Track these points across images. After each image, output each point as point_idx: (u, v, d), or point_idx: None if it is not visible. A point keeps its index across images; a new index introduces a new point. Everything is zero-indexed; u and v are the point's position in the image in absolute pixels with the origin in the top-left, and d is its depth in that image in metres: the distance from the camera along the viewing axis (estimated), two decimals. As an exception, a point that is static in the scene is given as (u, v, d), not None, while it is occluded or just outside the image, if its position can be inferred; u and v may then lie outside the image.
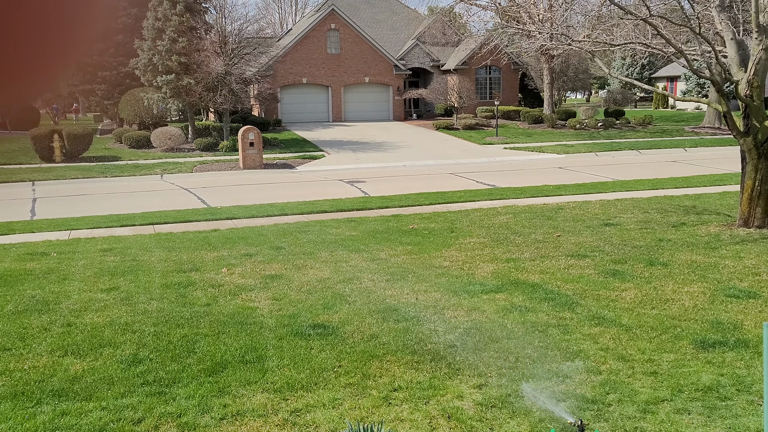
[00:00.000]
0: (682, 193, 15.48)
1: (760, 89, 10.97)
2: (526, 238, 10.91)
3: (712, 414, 4.73)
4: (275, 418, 4.80)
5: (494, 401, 5.01)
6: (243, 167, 22.61)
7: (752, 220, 11.19)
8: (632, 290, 7.85)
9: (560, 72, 38.35)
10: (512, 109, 37.52)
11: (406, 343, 6.25)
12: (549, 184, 17.31)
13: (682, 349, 5.99)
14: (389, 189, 17.36)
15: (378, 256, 9.83)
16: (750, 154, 11.12)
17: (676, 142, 28.79)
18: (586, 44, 13.02)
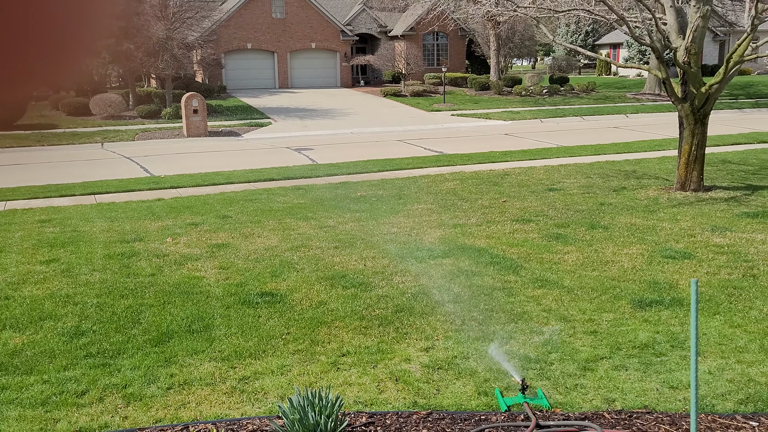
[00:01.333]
0: (623, 158, 15.87)
1: (697, 56, 11.26)
2: (473, 204, 11.04)
3: (648, 369, 4.94)
4: (223, 387, 4.79)
5: (441, 363, 5.11)
6: (187, 135, 22.11)
7: (689, 183, 11.58)
8: (574, 253, 8.06)
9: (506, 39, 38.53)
10: (459, 75, 37.59)
11: (355, 309, 6.29)
12: (495, 151, 17.49)
13: (621, 308, 6.21)
14: (337, 156, 17.27)
15: (326, 224, 9.81)
16: (687, 119, 11.45)
17: (618, 108, 29.40)
18: (531, 10, 13.09)
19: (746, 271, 7.25)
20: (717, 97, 11.53)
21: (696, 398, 3.23)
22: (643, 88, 35.48)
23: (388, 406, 4.49)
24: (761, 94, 33.56)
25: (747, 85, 36.60)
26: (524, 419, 4.23)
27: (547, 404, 4.40)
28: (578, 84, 35.41)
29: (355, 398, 4.59)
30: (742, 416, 4.26)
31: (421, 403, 4.51)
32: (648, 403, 4.46)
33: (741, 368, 4.95)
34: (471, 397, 4.58)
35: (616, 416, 4.27)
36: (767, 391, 4.58)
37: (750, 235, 8.75)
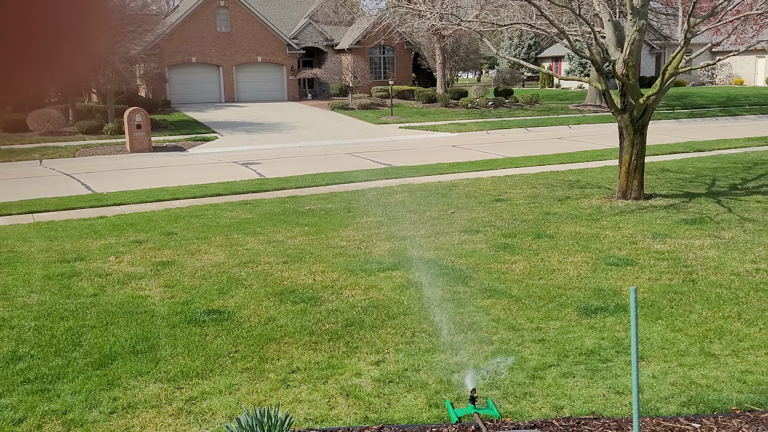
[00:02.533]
0: (567, 168, 16.22)
1: (635, 68, 11.63)
2: (422, 216, 11.10)
3: (595, 375, 5.02)
4: (169, 408, 4.66)
5: (392, 376, 5.09)
6: (130, 150, 21.63)
7: (630, 192, 11.90)
8: (521, 262, 8.17)
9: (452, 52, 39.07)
10: (406, 88, 37.90)
11: (304, 324, 6.22)
12: (443, 162, 17.66)
13: (567, 316, 6.31)
14: (285, 170, 17.15)
15: (275, 238, 9.71)
16: (627, 129, 11.79)
17: (561, 119, 30.08)
18: (474, 24, 13.31)
19: (686, 276, 7.47)
20: (655, 108, 11.91)
21: (638, 404, 3.29)
22: (584, 99, 36.41)
23: (339, 422, 4.44)
24: (696, 105, 34.85)
25: (683, 96, 37.96)
26: (475, 430, 4.24)
27: (497, 414, 4.42)
28: (522, 96, 36.11)
29: (306, 415, 4.53)
30: (685, 418, 4.37)
31: (372, 418, 4.48)
32: (595, 409, 4.53)
33: (683, 371, 5.08)
34: (422, 410, 4.57)
35: (565, 423, 4.32)
36: (708, 393, 4.71)
37: (689, 241, 9.03)
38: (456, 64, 44.64)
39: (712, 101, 36.29)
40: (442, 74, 36.38)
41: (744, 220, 10.20)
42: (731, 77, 51.37)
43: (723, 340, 5.68)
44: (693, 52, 12.30)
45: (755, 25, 18.17)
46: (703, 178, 14.35)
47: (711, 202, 11.66)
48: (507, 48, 55.69)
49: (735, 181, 13.77)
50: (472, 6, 19.65)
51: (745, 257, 8.16)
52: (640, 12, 11.48)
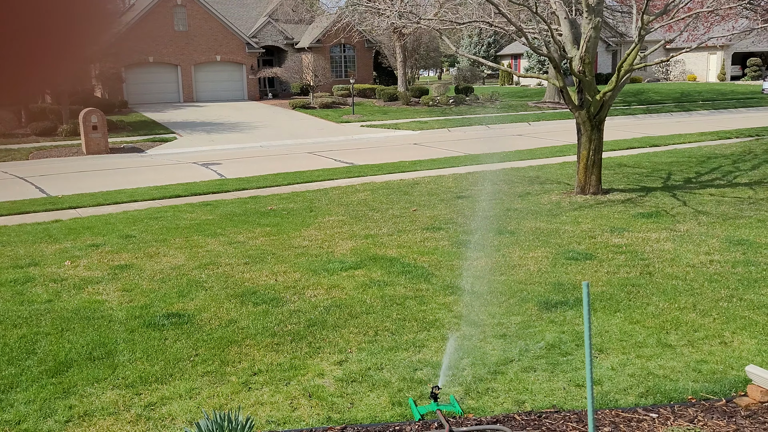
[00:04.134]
0: (527, 165, 16.41)
1: (591, 65, 11.81)
2: (384, 214, 11.10)
3: (555, 369, 5.08)
4: (127, 415, 4.57)
5: (355, 376, 5.07)
6: (87, 152, 21.16)
7: (588, 187, 12.09)
8: (483, 259, 8.23)
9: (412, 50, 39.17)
10: (368, 87, 37.86)
11: (266, 325, 6.17)
12: (405, 160, 17.69)
13: (528, 311, 6.38)
14: (246, 170, 16.98)
15: (236, 239, 9.60)
16: (584, 126, 11.97)
17: (521, 116, 30.41)
18: (433, 22, 13.35)
19: (643, 269, 7.62)
20: (611, 104, 12.12)
21: (592, 397, 3.34)
22: (543, 96, 36.87)
23: (301, 424, 4.41)
24: (652, 101, 35.58)
25: (639, 93, 38.72)
26: (438, 427, 4.25)
27: (460, 410, 4.44)
28: (483, 94, 36.40)
29: (268, 418, 4.48)
30: (643, 409, 4.45)
31: (335, 418, 4.46)
32: (556, 402, 4.58)
33: (641, 362, 5.17)
34: (385, 409, 4.57)
35: (526, 417, 4.36)
36: (665, 384, 4.80)
37: (645, 234, 9.21)
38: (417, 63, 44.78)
39: (667, 97, 37.10)
40: (403, 72, 36.44)
41: (698, 213, 10.44)
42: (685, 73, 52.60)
43: (679, 331, 5.80)
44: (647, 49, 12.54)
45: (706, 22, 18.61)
46: (659, 172, 14.66)
47: (667, 195, 11.91)
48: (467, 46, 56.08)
49: (689, 175, 14.09)
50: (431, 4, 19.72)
51: (700, 249, 8.35)
52: (596, 10, 11.66)
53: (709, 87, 43.15)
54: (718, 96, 37.44)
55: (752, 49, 45.92)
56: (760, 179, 13.30)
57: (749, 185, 12.70)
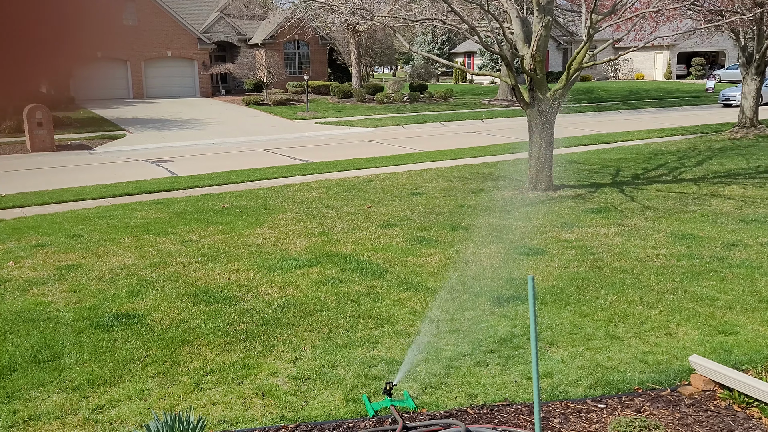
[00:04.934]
0: (481, 162, 16.58)
1: (542, 63, 11.99)
2: (339, 211, 11.07)
3: (507, 363, 5.15)
4: (74, 419, 4.45)
5: (309, 374, 5.05)
6: (31, 150, 20.54)
7: (540, 183, 12.28)
8: (437, 255, 8.29)
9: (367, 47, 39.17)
10: (322, 84, 37.71)
11: (219, 324, 6.09)
12: (360, 158, 17.68)
13: (481, 306, 6.45)
14: (199, 168, 16.72)
15: (188, 238, 9.45)
16: (535, 123, 12.15)
17: (474, 114, 30.72)
18: (387, 19, 13.37)
19: (592, 263, 7.78)
20: (561, 102, 12.33)
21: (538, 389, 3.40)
22: (496, 94, 37.30)
23: (254, 423, 4.37)
24: (601, 99, 36.35)
25: (589, 91, 39.52)
26: (392, 422, 4.26)
27: (414, 405, 4.47)
28: (437, 91, 36.63)
29: (220, 418, 4.43)
30: (592, 400, 4.55)
31: (289, 417, 4.43)
32: (508, 395, 4.65)
33: (590, 355, 5.29)
34: (339, 406, 4.56)
35: (479, 411, 4.41)
36: (613, 375, 4.92)
37: (595, 229, 9.41)
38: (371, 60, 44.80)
39: (616, 95, 37.96)
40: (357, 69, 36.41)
41: (645, 208, 10.71)
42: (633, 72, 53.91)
43: (626, 323, 5.94)
44: (597, 48, 12.80)
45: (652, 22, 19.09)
46: (608, 168, 14.99)
47: (615, 191, 12.19)
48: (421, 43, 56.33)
49: (637, 171, 14.45)
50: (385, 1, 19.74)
51: (647, 243, 8.58)
52: (546, 9, 11.84)
53: (656, 85, 44.32)
54: (664, 94, 38.48)
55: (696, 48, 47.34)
56: (703, 175, 13.72)
57: (693, 181, 13.09)
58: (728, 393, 4.51)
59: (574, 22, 34.11)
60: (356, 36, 34.58)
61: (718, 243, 8.51)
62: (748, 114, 20.67)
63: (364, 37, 36.34)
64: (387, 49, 46.78)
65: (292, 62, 41.41)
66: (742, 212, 10.22)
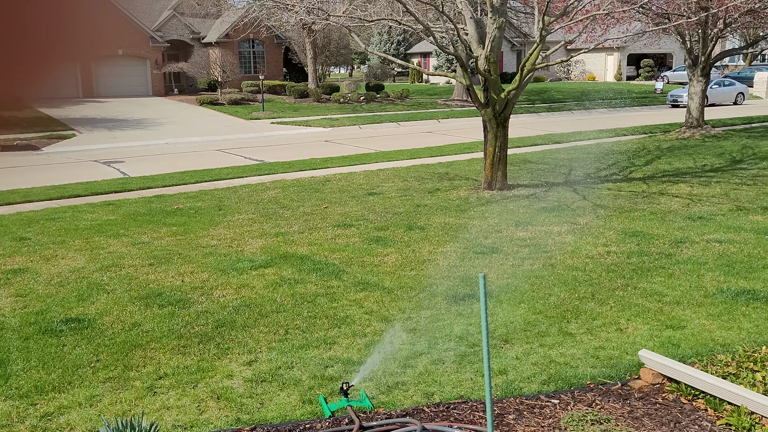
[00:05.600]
0: (437, 161, 16.69)
1: (496, 64, 12.13)
2: (295, 212, 11.01)
3: (463, 361, 5.20)
4: (21, 426, 4.32)
5: (264, 376, 5.01)
6: (-24, 150, 19.85)
7: (494, 183, 12.43)
8: (394, 254, 8.31)
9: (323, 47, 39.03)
10: (278, 83, 37.43)
11: (172, 328, 5.99)
12: (316, 158, 17.61)
13: (438, 304, 6.49)
14: (151, 168, 16.42)
15: (140, 240, 9.27)
16: (490, 123, 12.29)
17: (430, 114, 30.90)
18: (342, 19, 13.34)
19: (546, 261, 7.91)
20: (515, 102, 12.50)
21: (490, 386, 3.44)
22: (452, 94, 37.59)
23: (209, 426, 4.31)
24: (554, 99, 36.98)
25: (542, 91, 40.16)
26: (348, 423, 4.26)
27: (370, 405, 4.47)
28: (393, 91, 36.73)
29: (174, 422, 4.36)
30: (545, 395, 4.63)
31: (244, 419, 4.39)
32: (464, 393, 4.69)
33: (543, 351, 5.37)
34: (296, 407, 4.54)
35: (435, 409, 4.45)
36: (566, 370, 5.01)
37: (548, 227, 9.56)
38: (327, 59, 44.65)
39: (568, 96, 38.66)
40: (313, 69, 36.25)
41: (597, 206, 10.94)
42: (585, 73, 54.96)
43: (579, 319, 6.06)
44: (549, 49, 13.02)
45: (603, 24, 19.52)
46: (561, 168, 15.26)
47: (568, 190, 12.42)
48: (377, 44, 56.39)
49: (589, 171, 14.75)
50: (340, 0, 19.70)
51: (598, 241, 8.76)
52: (500, 10, 11.99)
53: (607, 86, 45.30)
54: (615, 95, 39.35)
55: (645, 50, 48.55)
56: (652, 174, 14.08)
57: (643, 180, 13.43)
58: (676, 386, 4.64)
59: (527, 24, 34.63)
60: (312, 35, 34.42)
61: (667, 240, 8.75)
62: (695, 114, 21.29)
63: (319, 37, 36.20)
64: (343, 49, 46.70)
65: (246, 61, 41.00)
66: (689, 210, 10.53)
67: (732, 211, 10.39)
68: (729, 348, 5.31)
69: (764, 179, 13.09)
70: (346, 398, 4.46)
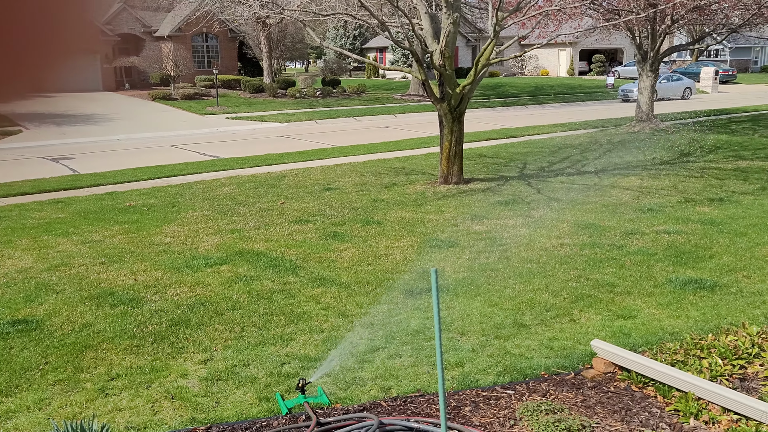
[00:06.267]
0: (394, 156, 16.72)
1: (451, 59, 12.20)
2: (251, 208, 10.90)
3: (420, 354, 5.23)
4: (-34, 433, 4.19)
5: (220, 374, 4.95)
6: None
7: (451, 177, 12.51)
8: (351, 250, 8.30)
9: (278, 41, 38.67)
10: (233, 78, 36.97)
11: (125, 327, 5.87)
12: (272, 153, 17.46)
13: (395, 299, 6.51)
14: (102, 165, 16.04)
15: (91, 238, 9.06)
16: (446, 118, 12.36)
17: (387, 108, 30.93)
18: (297, 13, 13.24)
19: (501, 254, 8.01)
20: (470, 97, 12.60)
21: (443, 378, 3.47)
22: (409, 89, 37.70)
23: (164, 427, 4.24)
24: (509, 94, 37.41)
25: (497, 86, 40.58)
26: (305, 419, 4.24)
27: (327, 401, 4.46)
28: (350, 86, 36.65)
29: (127, 424, 4.27)
30: (501, 387, 4.68)
31: (199, 419, 4.33)
32: (421, 386, 4.72)
33: (499, 343, 5.44)
34: (252, 405, 4.50)
35: (392, 403, 4.46)
36: (521, 361, 5.08)
37: (503, 221, 9.68)
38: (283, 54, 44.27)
39: (523, 90, 39.16)
40: (268, 63, 35.90)
41: (550, 199, 11.12)
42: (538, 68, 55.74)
43: (533, 311, 6.15)
44: (503, 45, 13.15)
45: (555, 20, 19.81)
46: (516, 162, 15.45)
47: (522, 184, 12.59)
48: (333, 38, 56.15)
49: (543, 164, 14.97)
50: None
51: (552, 234, 8.90)
52: (454, 5, 12.05)
53: (560, 81, 46.03)
54: (568, 90, 40.02)
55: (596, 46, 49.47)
56: (604, 167, 14.37)
57: (595, 173, 13.69)
58: (627, 374, 4.75)
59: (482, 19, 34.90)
60: (266, 30, 34.07)
61: (618, 232, 8.94)
62: (645, 109, 21.80)
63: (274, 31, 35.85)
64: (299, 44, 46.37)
65: (200, 56, 40.36)
66: (639, 202, 10.78)
67: (680, 202, 10.68)
68: (677, 336, 5.46)
69: (711, 171, 13.50)
70: (303, 395, 4.44)
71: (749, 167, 13.91)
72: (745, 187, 11.86)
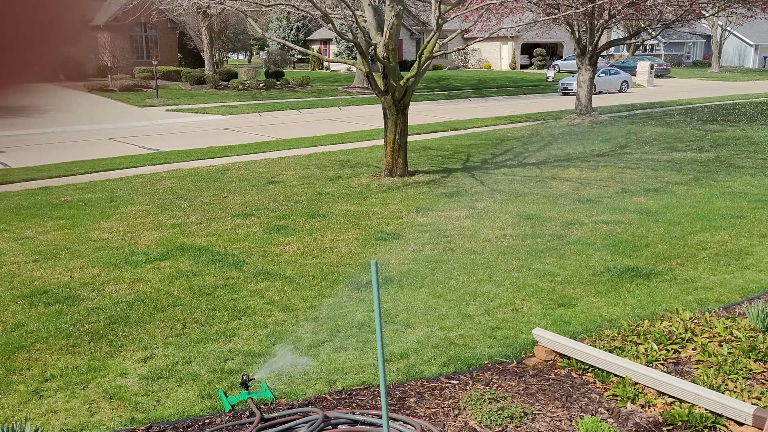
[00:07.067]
0: (338, 149, 16.65)
1: (395, 52, 12.20)
2: (193, 202, 10.68)
3: (365, 347, 5.23)
4: None
5: (161, 372, 4.84)
6: None
7: (395, 169, 12.54)
8: (295, 243, 8.23)
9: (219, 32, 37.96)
10: (173, 69, 36.13)
11: (60, 327, 5.67)
12: (215, 146, 17.15)
13: (339, 292, 6.49)
14: (36, 159, 15.46)
15: (23, 235, 8.72)
16: (390, 110, 12.37)
17: (331, 101, 30.77)
18: (238, 3, 13.01)
19: (445, 245, 8.07)
20: (414, 90, 12.63)
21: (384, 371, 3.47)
22: (353, 82, 37.58)
23: (101, 428, 4.12)
24: (452, 87, 37.72)
25: (441, 79, 40.86)
26: (249, 415, 4.19)
27: (272, 396, 4.41)
28: (294, 78, 36.29)
29: (62, 426, 4.13)
30: (445, 377, 4.73)
31: (139, 418, 4.22)
32: (366, 379, 4.71)
33: (443, 334, 5.48)
34: (194, 403, 4.41)
35: (338, 396, 4.44)
36: (465, 351, 5.14)
37: (448, 213, 9.76)
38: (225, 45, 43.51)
39: (466, 84, 39.54)
40: (210, 55, 35.23)
41: (494, 191, 11.27)
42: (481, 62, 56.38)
43: (477, 301, 6.23)
44: (447, 38, 13.22)
45: (497, 13, 20.05)
46: (460, 154, 15.60)
47: (466, 176, 12.72)
48: (276, 29, 55.48)
49: (486, 157, 15.16)
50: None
51: (495, 225, 9.03)
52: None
53: (503, 75, 46.68)
54: (510, 83, 40.61)
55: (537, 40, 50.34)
56: (545, 159, 14.65)
57: (536, 165, 13.94)
58: (567, 361, 4.86)
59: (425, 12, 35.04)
60: (207, 20, 33.41)
61: (558, 222, 9.13)
62: (584, 102, 22.30)
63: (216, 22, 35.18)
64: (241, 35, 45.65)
65: (139, 46, 39.29)
66: (579, 193, 11.03)
67: (618, 193, 10.97)
68: (615, 323, 5.61)
69: (646, 163, 13.91)
70: (246, 391, 4.38)
71: (683, 158, 14.40)
72: (678, 177, 12.28)
